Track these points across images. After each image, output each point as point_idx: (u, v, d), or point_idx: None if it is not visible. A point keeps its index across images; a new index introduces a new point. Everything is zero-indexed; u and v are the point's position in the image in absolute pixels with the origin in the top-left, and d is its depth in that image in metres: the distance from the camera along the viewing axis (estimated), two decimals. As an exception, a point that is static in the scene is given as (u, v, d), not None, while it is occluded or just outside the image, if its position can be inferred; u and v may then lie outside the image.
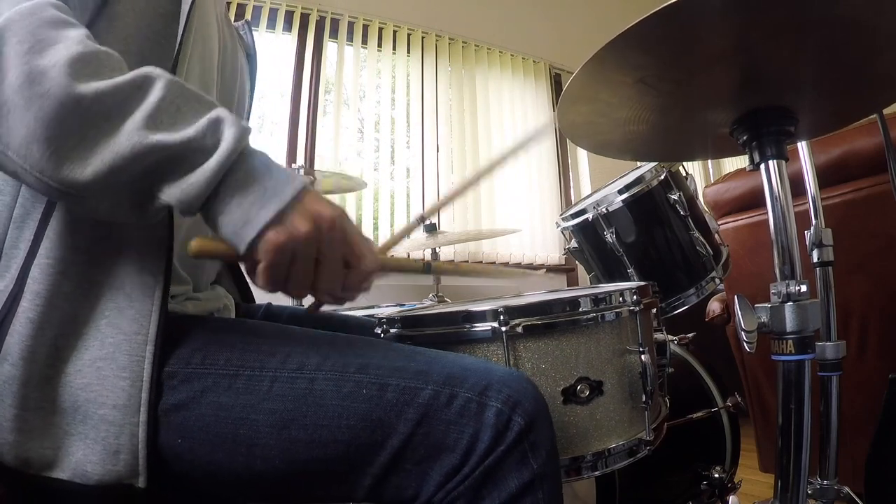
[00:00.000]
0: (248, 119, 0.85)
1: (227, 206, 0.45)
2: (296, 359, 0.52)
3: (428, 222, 0.76)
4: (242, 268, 0.50)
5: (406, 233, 0.84)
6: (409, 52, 2.81)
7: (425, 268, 0.64)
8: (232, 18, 0.91)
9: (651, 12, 0.54)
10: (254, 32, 0.84)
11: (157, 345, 0.50)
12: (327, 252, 0.48)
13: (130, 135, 0.42)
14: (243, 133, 0.46)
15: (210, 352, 0.52)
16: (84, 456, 0.48)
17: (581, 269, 1.71)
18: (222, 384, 0.51)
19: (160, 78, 0.45)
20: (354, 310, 1.65)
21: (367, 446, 0.50)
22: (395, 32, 2.76)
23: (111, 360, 0.49)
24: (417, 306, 1.24)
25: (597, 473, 0.67)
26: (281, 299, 0.63)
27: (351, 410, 0.50)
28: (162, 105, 0.43)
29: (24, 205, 0.50)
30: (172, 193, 0.44)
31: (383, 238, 2.53)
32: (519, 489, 0.48)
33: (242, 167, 0.45)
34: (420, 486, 0.49)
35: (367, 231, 2.57)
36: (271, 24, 2.44)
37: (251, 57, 0.83)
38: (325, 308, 0.58)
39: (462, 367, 0.53)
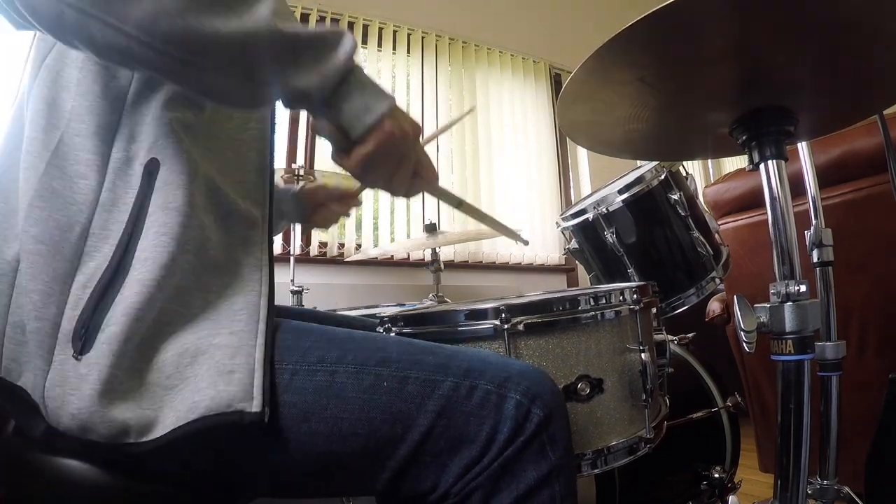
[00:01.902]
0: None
1: (350, 96, 0.51)
2: (315, 352, 0.52)
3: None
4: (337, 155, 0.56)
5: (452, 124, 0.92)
6: (409, 52, 2.81)
7: (457, 203, 0.71)
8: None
9: (651, 11, 0.54)
10: None
11: (271, 299, 0.53)
12: (412, 154, 0.57)
13: (268, 18, 0.45)
14: (354, 41, 0.51)
15: None
16: (191, 393, 0.46)
17: (581, 269, 1.72)
18: None
19: None
20: (355, 310, 1.65)
21: (387, 439, 0.50)
22: (395, 32, 2.76)
23: (228, 309, 0.51)
24: (418, 306, 1.24)
25: (597, 471, 0.68)
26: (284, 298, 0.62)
27: (371, 403, 0.50)
28: (284, 8, 0.48)
29: (114, 190, 0.51)
30: (308, 80, 0.49)
31: (384, 237, 2.53)
32: (537, 481, 0.48)
33: (358, 68, 0.52)
34: (439, 477, 0.50)
35: (366, 231, 2.58)
36: (272, 24, 2.44)
37: None
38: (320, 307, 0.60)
39: (481, 359, 0.54)
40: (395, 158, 0.55)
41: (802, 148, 0.98)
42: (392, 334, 0.69)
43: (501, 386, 0.51)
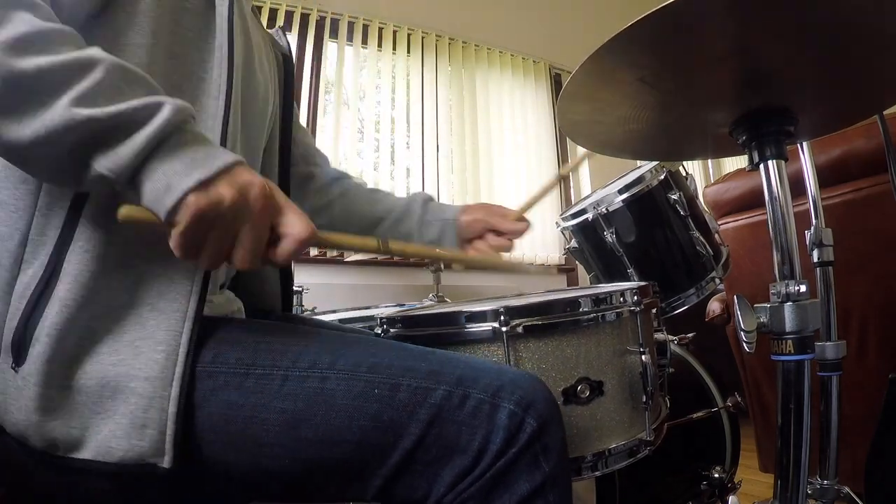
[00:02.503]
0: (282, 124, 0.84)
1: (154, 174, 0.45)
2: (307, 358, 0.52)
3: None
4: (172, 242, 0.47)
5: (545, 192, 0.85)
6: (409, 52, 2.81)
7: (381, 245, 0.59)
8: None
9: (651, 11, 0.54)
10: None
11: (196, 322, 0.50)
12: (253, 221, 0.47)
13: (64, 108, 0.43)
14: (182, 110, 0.46)
15: (221, 350, 0.52)
16: (110, 432, 0.47)
17: (581, 269, 1.71)
18: (233, 383, 0.51)
19: (104, 61, 0.45)
20: (354, 310, 1.65)
21: (378, 447, 0.49)
22: (395, 32, 2.76)
23: (150, 338, 0.49)
24: (417, 306, 1.24)
25: (597, 474, 0.67)
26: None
27: (362, 410, 0.49)
28: (100, 87, 0.44)
29: (51, 193, 0.51)
30: (104, 164, 0.44)
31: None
32: (530, 493, 0.47)
33: (174, 139, 0.45)
34: (430, 487, 0.49)
35: (367, 231, 2.57)
36: (271, 25, 2.44)
37: (287, 59, 0.84)
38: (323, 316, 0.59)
39: (474, 367, 0.53)
40: (221, 232, 0.46)
41: (802, 148, 0.98)
42: (389, 337, 0.69)
43: (495, 395, 0.50)
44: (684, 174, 1.19)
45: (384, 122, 2.65)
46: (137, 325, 0.50)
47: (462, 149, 2.83)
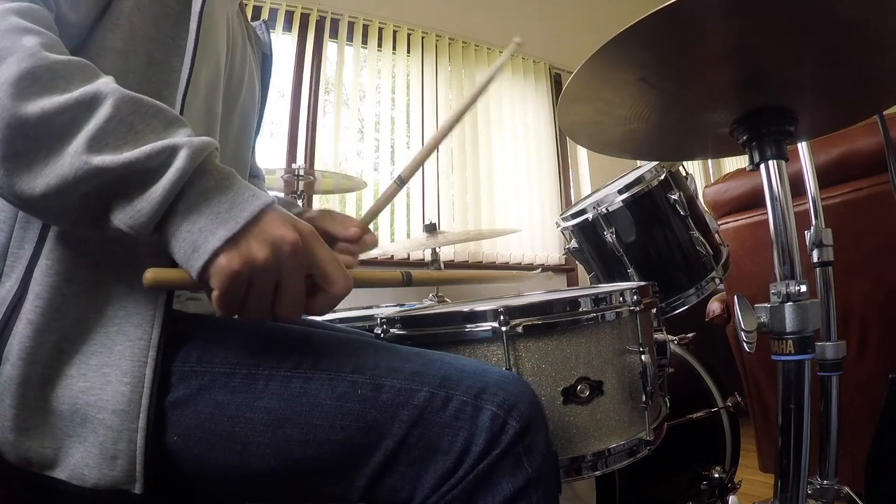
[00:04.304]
0: (259, 121, 0.84)
1: (178, 231, 0.43)
2: (291, 358, 0.52)
3: (404, 183, 0.65)
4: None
5: (386, 200, 0.77)
6: (409, 52, 2.81)
7: (405, 279, 0.59)
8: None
9: (652, 11, 0.54)
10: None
11: (160, 350, 0.50)
12: (289, 278, 0.45)
13: (73, 157, 0.41)
14: (201, 150, 0.44)
15: (207, 350, 0.53)
16: (81, 459, 0.47)
17: (581, 269, 1.71)
18: (218, 382, 0.51)
19: (111, 95, 0.43)
20: (355, 309, 1.65)
21: (361, 447, 0.50)
22: (395, 32, 2.76)
23: (117, 366, 0.49)
24: (418, 306, 1.24)
25: (597, 473, 0.67)
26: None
27: (345, 410, 0.50)
28: (109, 125, 0.42)
29: None
30: (122, 219, 0.43)
31: (384, 237, 2.53)
32: (513, 493, 0.48)
33: (195, 189, 0.43)
34: (414, 488, 0.49)
35: (367, 231, 2.57)
36: (271, 24, 2.44)
37: (267, 57, 0.83)
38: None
39: (458, 368, 0.53)
40: (259, 290, 0.44)
41: (802, 148, 0.98)
42: (383, 337, 0.69)
43: (477, 397, 0.50)
44: (684, 174, 1.19)
45: (384, 122, 2.65)
46: (105, 347, 0.49)
47: (462, 149, 2.83)
